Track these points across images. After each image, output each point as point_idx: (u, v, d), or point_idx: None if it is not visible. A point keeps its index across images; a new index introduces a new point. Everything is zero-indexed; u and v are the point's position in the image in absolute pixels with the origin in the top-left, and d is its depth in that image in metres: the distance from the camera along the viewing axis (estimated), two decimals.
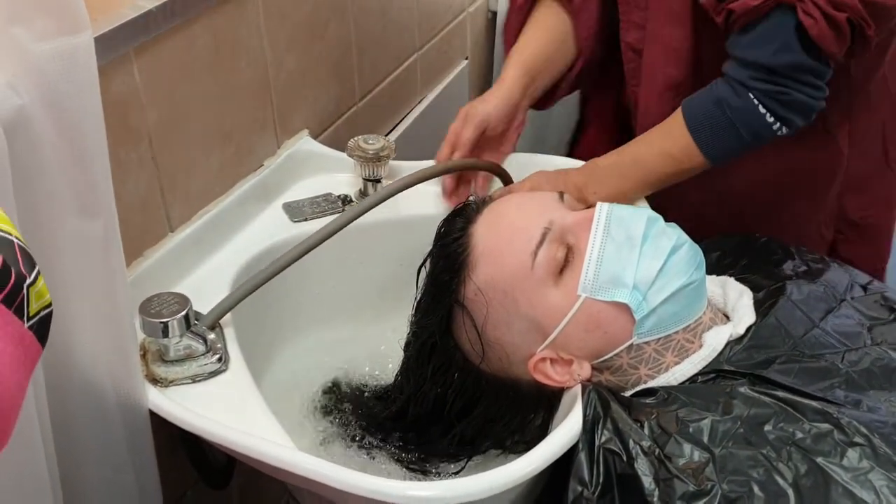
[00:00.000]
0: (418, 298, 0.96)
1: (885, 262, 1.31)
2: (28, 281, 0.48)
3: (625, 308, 0.84)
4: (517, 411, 0.92)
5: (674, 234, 0.88)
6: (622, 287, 0.84)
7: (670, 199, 1.11)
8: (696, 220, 1.01)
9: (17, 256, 0.48)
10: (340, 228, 0.98)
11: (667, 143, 1.05)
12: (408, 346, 0.99)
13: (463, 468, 0.98)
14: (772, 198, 1.20)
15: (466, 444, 0.96)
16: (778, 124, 1.00)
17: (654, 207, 1.07)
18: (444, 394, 0.95)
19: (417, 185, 1.11)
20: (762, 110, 1.00)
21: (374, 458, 1.01)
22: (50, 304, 0.50)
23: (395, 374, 1.03)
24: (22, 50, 0.69)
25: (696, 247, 0.89)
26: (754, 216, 1.20)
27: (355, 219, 0.99)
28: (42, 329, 0.50)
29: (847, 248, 1.26)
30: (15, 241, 0.48)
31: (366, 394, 1.08)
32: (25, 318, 0.48)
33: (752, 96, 0.99)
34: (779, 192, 1.19)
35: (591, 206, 0.91)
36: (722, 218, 1.17)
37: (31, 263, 0.49)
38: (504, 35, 1.27)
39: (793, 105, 1.00)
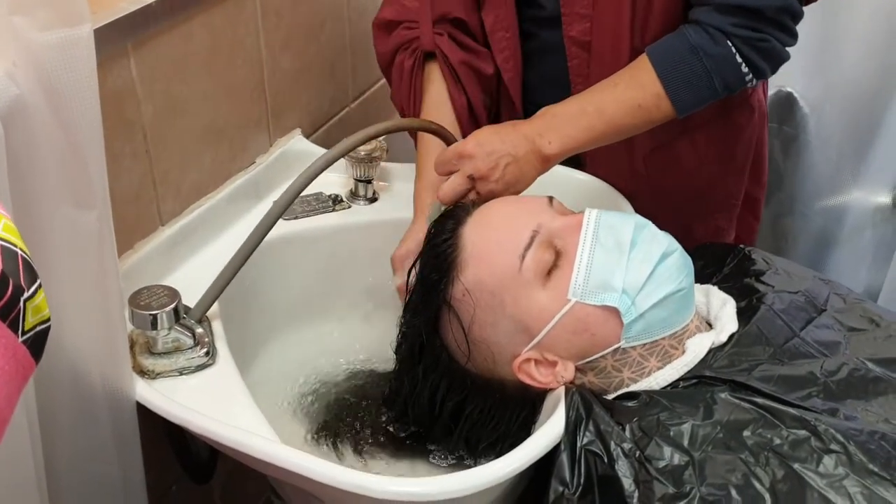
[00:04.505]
0: (408, 299, 0.97)
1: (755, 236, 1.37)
2: (26, 294, 0.47)
3: (614, 312, 0.85)
4: (504, 412, 0.93)
5: (665, 240, 0.89)
6: (611, 291, 0.85)
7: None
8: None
9: (18, 268, 0.47)
10: (303, 186, 0.97)
11: (634, 92, 1.01)
12: (399, 348, 0.99)
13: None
14: (707, 179, 1.23)
15: (471, 446, 0.97)
16: (750, 75, 1.01)
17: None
18: (435, 394, 0.96)
19: (407, 190, 1.14)
20: (738, 59, 0.99)
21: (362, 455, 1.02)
22: (48, 320, 0.49)
23: (390, 378, 1.04)
24: (22, 39, 0.69)
25: (686, 255, 0.90)
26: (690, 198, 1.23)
27: (314, 178, 0.97)
28: (37, 344, 0.49)
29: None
30: (19, 252, 0.48)
31: (363, 402, 1.09)
32: (20, 333, 0.47)
33: (730, 44, 0.99)
34: (712, 172, 1.22)
35: (576, 213, 0.92)
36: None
37: (32, 277, 0.48)
38: (397, 101, 1.21)
39: (770, 53, 1.00)
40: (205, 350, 0.94)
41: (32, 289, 0.48)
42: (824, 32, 1.69)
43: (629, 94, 1.02)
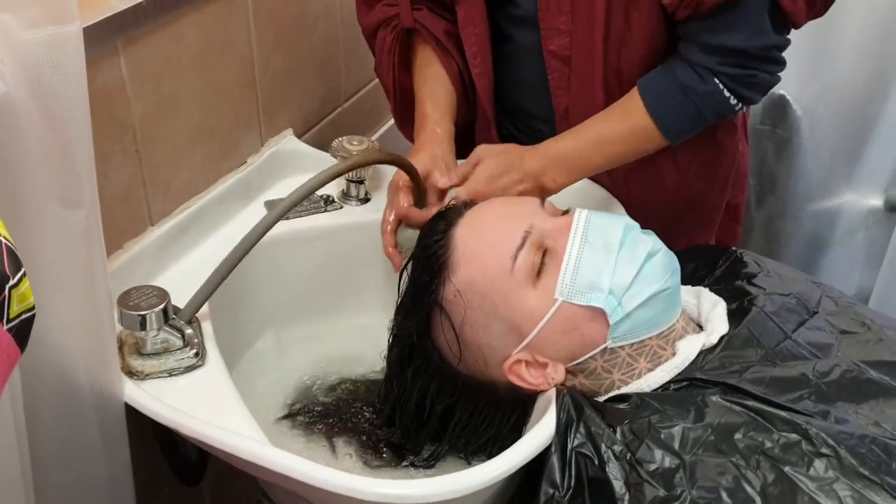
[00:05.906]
0: (399, 300, 0.97)
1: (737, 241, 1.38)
2: (11, 282, 0.47)
3: (600, 312, 0.85)
4: (495, 414, 0.93)
5: (650, 240, 0.89)
6: (598, 291, 0.85)
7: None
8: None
9: (3, 257, 0.47)
10: (294, 204, 0.97)
11: (628, 126, 1.07)
12: (389, 350, 0.99)
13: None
14: (689, 196, 1.23)
15: (461, 449, 0.97)
16: (739, 105, 1.05)
17: None
18: (424, 397, 0.95)
19: None
20: (726, 94, 1.03)
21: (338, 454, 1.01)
22: (33, 308, 0.49)
23: (380, 385, 1.03)
24: (9, 37, 0.69)
25: (671, 254, 0.90)
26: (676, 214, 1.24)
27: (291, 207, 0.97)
28: (22, 332, 0.49)
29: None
30: (3, 241, 0.48)
31: (353, 403, 1.08)
32: (5, 320, 0.47)
33: (717, 81, 1.02)
34: (695, 189, 1.23)
35: (566, 212, 0.92)
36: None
37: (16, 265, 0.48)
38: (379, 75, 1.24)
39: (758, 86, 1.04)
40: (194, 351, 0.94)
41: (17, 277, 0.48)
42: (818, 36, 1.69)
43: (623, 129, 1.08)
